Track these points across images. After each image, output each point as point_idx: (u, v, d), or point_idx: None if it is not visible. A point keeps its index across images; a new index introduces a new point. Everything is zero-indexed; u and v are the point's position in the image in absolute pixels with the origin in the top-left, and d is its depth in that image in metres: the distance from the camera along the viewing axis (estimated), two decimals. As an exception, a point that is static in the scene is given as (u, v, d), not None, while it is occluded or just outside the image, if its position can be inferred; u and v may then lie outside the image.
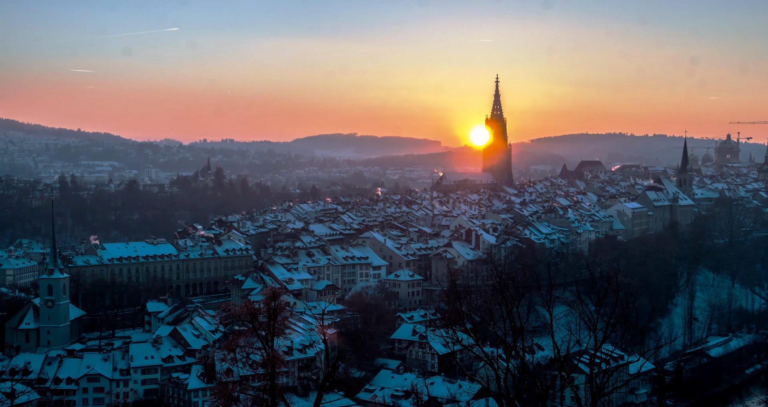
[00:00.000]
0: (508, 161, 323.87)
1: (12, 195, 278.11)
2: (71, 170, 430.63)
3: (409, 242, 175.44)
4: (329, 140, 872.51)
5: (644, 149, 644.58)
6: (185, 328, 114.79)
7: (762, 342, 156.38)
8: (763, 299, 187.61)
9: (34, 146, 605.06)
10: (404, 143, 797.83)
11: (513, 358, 39.50)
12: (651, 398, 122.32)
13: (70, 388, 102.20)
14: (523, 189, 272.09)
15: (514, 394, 38.37)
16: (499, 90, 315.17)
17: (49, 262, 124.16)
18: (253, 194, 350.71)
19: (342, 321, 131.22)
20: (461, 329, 40.46)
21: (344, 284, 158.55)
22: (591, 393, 38.04)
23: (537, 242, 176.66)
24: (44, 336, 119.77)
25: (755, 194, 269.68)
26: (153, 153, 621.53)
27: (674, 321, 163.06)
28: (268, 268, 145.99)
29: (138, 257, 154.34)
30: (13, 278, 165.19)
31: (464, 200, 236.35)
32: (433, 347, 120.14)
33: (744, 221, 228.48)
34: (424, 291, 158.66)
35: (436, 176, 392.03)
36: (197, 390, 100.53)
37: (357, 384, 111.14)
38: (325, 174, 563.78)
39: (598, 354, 38.74)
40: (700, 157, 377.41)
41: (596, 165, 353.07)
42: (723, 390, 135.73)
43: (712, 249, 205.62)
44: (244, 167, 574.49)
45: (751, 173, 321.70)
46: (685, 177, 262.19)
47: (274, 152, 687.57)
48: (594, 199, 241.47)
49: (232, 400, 48.59)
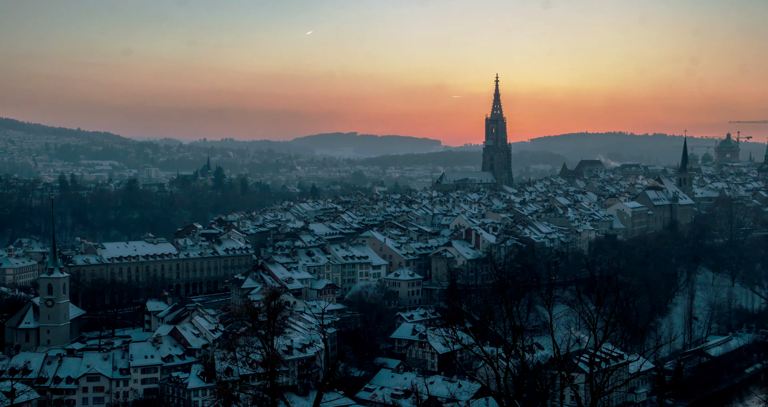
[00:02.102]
0: (508, 160, 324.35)
1: (12, 194, 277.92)
2: (71, 170, 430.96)
3: (409, 242, 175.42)
4: (329, 140, 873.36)
5: (644, 149, 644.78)
6: (185, 327, 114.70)
7: (762, 342, 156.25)
8: (762, 299, 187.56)
9: (33, 145, 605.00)
10: (404, 143, 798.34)
11: (513, 357, 39.51)
12: (651, 397, 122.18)
13: (69, 387, 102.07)
14: (522, 188, 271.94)
15: (514, 393, 38.38)
16: (499, 90, 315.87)
17: (49, 261, 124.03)
18: (253, 193, 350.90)
19: (342, 320, 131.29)
20: (461, 328, 40.48)
21: (344, 283, 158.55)
22: (591, 393, 38.06)
23: (537, 242, 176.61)
24: (44, 336, 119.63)
25: (755, 194, 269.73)
26: (153, 152, 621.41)
27: (674, 321, 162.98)
28: (268, 267, 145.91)
29: (138, 257, 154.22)
30: (13, 277, 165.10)
31: (464, 200, 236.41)
32: (433, 346, 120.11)
33: (744, 221, 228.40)
34: (424, 291, 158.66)
35: (436, 175, 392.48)
36: (197, 389, 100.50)
37: (357, 383, 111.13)
38: (325, 173, 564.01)
39: (597, 353, 38.73)
40: (700, 156, 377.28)
41: (596, 164, 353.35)
42: (723, 389, 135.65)
43: (712, 249, 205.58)
44: (244, 166, 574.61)
45: (751, 172, 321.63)
46: (684, 176, 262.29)
47: (274, 151, 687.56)
48: (594, 198, 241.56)
49: (232, 399, 48.66)
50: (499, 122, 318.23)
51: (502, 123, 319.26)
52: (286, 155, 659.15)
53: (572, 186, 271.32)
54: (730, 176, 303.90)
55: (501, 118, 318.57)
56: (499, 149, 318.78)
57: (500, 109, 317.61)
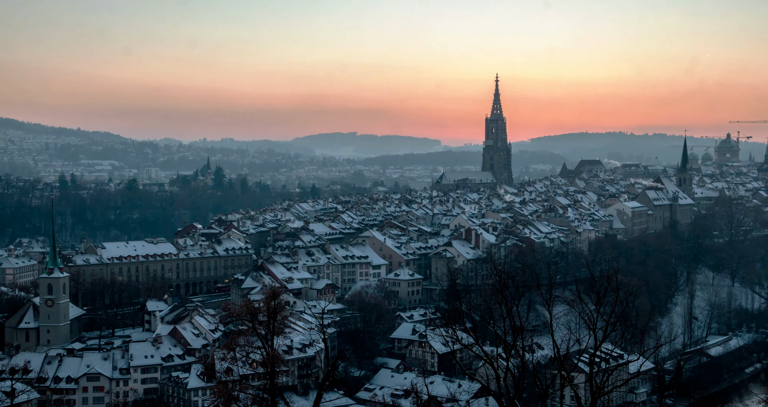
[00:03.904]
0: (508, 160, 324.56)
1: (12, 194, 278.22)
2: (71, 169, 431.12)
3: (409, 242, 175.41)
4: (329, 139, 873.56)
5: (644, 148, 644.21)
6: (185, 327, 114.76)
7: (762, 341, 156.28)
8: (762, 299, 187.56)
9: (33, 145, 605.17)
10: (404, 142, 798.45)
11: (513, 357, 39.48)
12: (651, 397, 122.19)
13: (69, 387, 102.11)
14: (522, 188, 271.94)
15: (514, 393, 38.36)
16: (498, 89, 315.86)
17: (49, 261, 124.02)
18: (253, 193, 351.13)
19: (342, 320, 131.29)
20: (461, 328, 40.45)
21: (344, 283, 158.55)
22: (591, 392, 38.05)
23: (537, 241, 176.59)
24: (44, 335, 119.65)
25: (755, 193, 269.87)
26: (153, 152, 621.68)
27: (674, 320, 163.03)
28: (268, 267, 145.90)
29: (138, 257, 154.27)
30: (13, 277, 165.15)
31: (464, 199, 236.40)
32: (432, 346, 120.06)
33: (744, 220, 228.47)
34: (423, 290, 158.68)
35: (436, 175, 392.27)
36: (197, 389, 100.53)
37: (357, 383, 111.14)
38: (325, 173, 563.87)
39: (597, 353, 38.70)
40: (700, 156, 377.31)
41: (596, 164, 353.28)
42: (723, 389, 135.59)
43: (712, 248, 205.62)
44: (243, 166, 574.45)
45: (751, 172, 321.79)
46: (684, 176, 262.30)
47: (274, 151, 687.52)
48: (594, 198, 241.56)
49: (232, 399, 48.64)
50: (499, 122, 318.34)
51: (502, 123, 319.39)
52: (286, 154, 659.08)
53: (572, 186, 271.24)
54: (730, 176, 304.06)
55: (501, 118, 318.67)
56: (499, 149, 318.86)
57: (500, 109, 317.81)
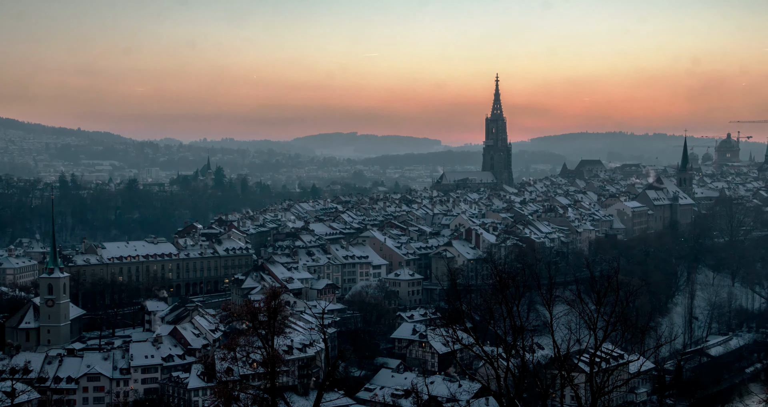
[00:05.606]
0: (508, 160, 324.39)
1: (12, 194, 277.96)
2: (71, 169, 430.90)
3: (409, 242, 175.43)
4: (329, 139, 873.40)
5: (644, 148, 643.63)
6: (185, 327, 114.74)
7: (762, 341, 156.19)
8: (763, 298, 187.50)
9: (34, 145, 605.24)
10: (404, 142, 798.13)
11: (513, 357, 39.50)
12: (651, 397, 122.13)
13: (70, 387, 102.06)
14: (523, 188, 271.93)
15: (514, 393, 38.38)
16: (499, 89, 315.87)
17: (49, 261, 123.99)
18: (253, 193, 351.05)
19: (342, 320, 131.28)
20: (461, 328, 40.46)
21: (344, 283, 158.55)
22: (591, 392, 38.07)
23: (537, 241, 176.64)
24: (44, 335, 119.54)
25: (755, 193, 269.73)
26: (153, 152, 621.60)
27: (674, 320, 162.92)
28: (268, 267, 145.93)
29: (138, 257, 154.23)
30: (13, 277, 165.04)
31: (464, 199, 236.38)
32: (433, 346, 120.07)
33: (744, 220, 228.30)
34: (424, 290, 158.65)
35: (436, 175, 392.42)
36: (197, 389, 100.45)
37: (357, 383, 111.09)
38: (325, 173, 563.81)
39: (598, 353, 38.72)
40: (700, 156, 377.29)
41: (596, 164, 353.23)
42: (723, 389, 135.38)
43: (712, 248, 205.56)
44: (244, 166, 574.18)
45: (751, 172, 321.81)
46: (685, 176, 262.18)
47: (274, 151, 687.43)
48: (594, 198, 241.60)
49: (233, 399, 48.63)
50: (499, 121, 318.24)
51: (502, 123, 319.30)
52: (286, 154, 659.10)
53: (572, 186, 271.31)
54: (730, 176, 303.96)
55: (501, 118, 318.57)
56: (499, 149, 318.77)
57: (500, 109, 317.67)
